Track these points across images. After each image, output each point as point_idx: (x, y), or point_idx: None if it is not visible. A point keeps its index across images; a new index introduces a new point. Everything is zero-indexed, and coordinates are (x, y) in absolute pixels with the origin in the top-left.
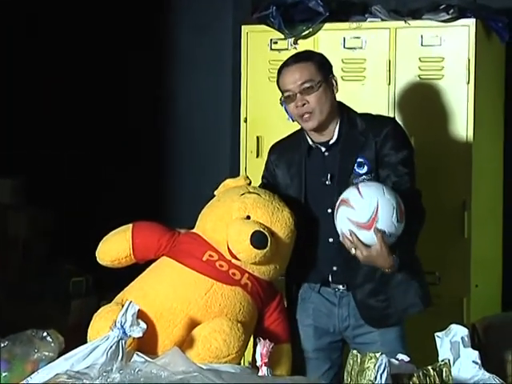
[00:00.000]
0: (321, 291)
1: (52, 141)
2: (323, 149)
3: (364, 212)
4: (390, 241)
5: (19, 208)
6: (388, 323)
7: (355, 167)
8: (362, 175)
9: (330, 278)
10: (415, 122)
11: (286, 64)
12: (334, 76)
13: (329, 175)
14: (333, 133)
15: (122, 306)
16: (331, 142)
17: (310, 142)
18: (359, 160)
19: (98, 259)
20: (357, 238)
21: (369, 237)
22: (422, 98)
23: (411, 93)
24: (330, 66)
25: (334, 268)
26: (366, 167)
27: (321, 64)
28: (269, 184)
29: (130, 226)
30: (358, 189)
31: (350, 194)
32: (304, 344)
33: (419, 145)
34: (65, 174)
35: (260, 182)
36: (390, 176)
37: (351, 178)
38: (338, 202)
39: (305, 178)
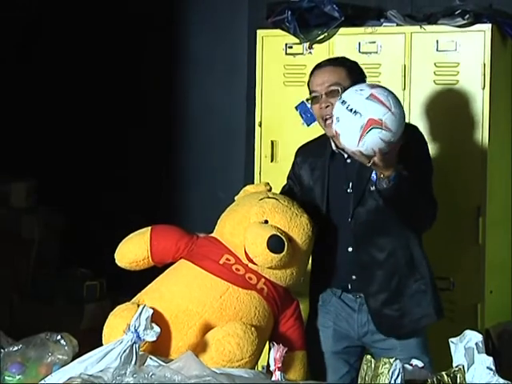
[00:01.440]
0: (342, 297)
1: (66, 143)
2: (345, 155)
3: (398, 130)
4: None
5: (33, 211)
6: (401, 333)
7: (373, 174)
8: None
9: (350, 287)
10: (430, 128)
11: (319, 65)
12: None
13: (350, 183)
14: None
15: (138, 305)
16: None
17: (334, 147)
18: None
19: (116, 261)
20: (380, 153)
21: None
22: (438, 104)
23: (426, 98)
24: (363, 74)
25: (353, 277)
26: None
27: (352, 70)
28: (294, 185)
29: (149, 228)
30: (385, 105)
31: (379, 112)
32: (323, 345)
33: (434, 150)
34: (79, 177)
35: (274, 186)
36: None
37: (368, 186)
38: (365, 122)
39: (328, 183)
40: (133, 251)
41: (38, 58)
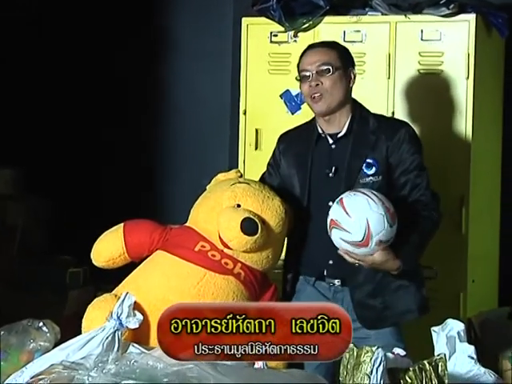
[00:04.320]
0: (315, 285)
1: (52, 132)
2: (331, 140)
3: (356, 232)
4: (390, 242)
5: (17, 198)
6: (382, 326)
7: (363, 167)
8: (369, 176)
9: (326, 272)
10: (414, 117)
11: (311, 46)
12: (354, 70)
13: (333, 168)
14: (343, 126)
15: (116, 296)
16: (340, 135)
17: (320, 131)
18: (368, 161)
19: (93, 261)
20: (356, 255)
21: (368, 250)
22: (422, 93)
23: (411, 87)
24: (353, 61)
25: (330, 262)
26: (373, 168)
27: (343, 54)
28: (273, 171)
29: (121, 225)
30: (344, 207)
31: (337, 213)
32: None
33: None
34: (65, 165)
35: (258, 174)
36: (407, 183)
37: (358, 178)
38: (329, 222)
39: (310, 168)
40: (108, 249)
41: (21, 47)
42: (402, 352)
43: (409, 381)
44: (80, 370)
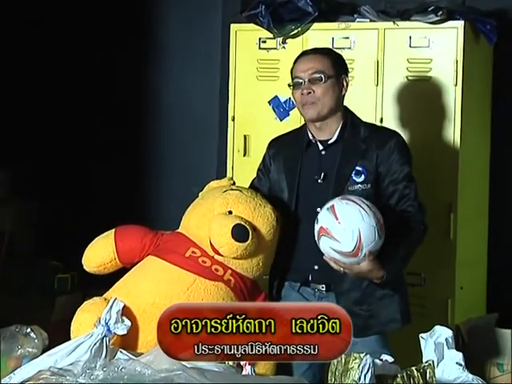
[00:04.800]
0: (300, 290)
1: (39, 134)
2: (321, 147)
3: (348, 243)
4: (376, 253)
5: (5, 202)
6: (367, 334)
7: (352, 175)
8: (358, 183)
9: (311, 278)
10: (403, 123)
11: (305, 53)
12: (346, 77)
13: (322, 174)
14: (333, 133)
15: (105, 299)
16: (330, 142)
17: (311, 137)
18: (358, 168)
19: (84, 267)
20: (343, 264)
21: (356, 260)
22: (410, 99)
23: (399, 94)
24: (346, 68)
25: (316, 267)
26: (363, 176)
27: (336, 61)
28: (263, 177)
29: (112, 230)
30: (335, 215)
31: (327, 221)
32: None
33: None
34: (53, 169)
35: (247, 180)
36: (395, 193)
37: (347, 185)
38: (318, 230)
39: (299, 174)
40: (99, 255)
41: (10, 47)
42: (390, 359)
43: None
44: (68, 376)
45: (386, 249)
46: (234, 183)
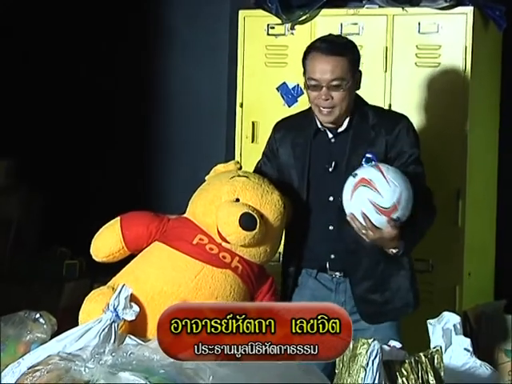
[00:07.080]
0: (318, 277)
1: (45, 123)
2: (330, 135)
3: (388, 198)
4: (402, 223)
5: (12, 190)
6: (383, 320)
7: (363, 162)
8: None
9: (328, 266)
10: (411, 110)
11: (320, 49)
12: (360, 72)
13: (333, 163)
14: (343, 122)
15: (113, 288)
16: (340, 130)
17: (319, 125)
18: (368, 156)
19: (93, 257)
20: (370, 221)
21: (383, 221)
22: (419, 86)
23: (408, 80)
24: (360, 61)
25: (332, 256)
26: (373, 163)
27: (353, 61)
28: (268, 161)
29: (118, 219)
30: (382, 172)
31: (372, 174)
32: None
33: None
34: (59, 157)
35: (255, 165)
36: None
37: None
38: (357, 180)
39: (309, 161)
40: (107, 244)
41: (13, 38)
42: (397, 344)
43: (405, 373)
44: (77, 361)
45: (406, 223)
46: (240, 167)
